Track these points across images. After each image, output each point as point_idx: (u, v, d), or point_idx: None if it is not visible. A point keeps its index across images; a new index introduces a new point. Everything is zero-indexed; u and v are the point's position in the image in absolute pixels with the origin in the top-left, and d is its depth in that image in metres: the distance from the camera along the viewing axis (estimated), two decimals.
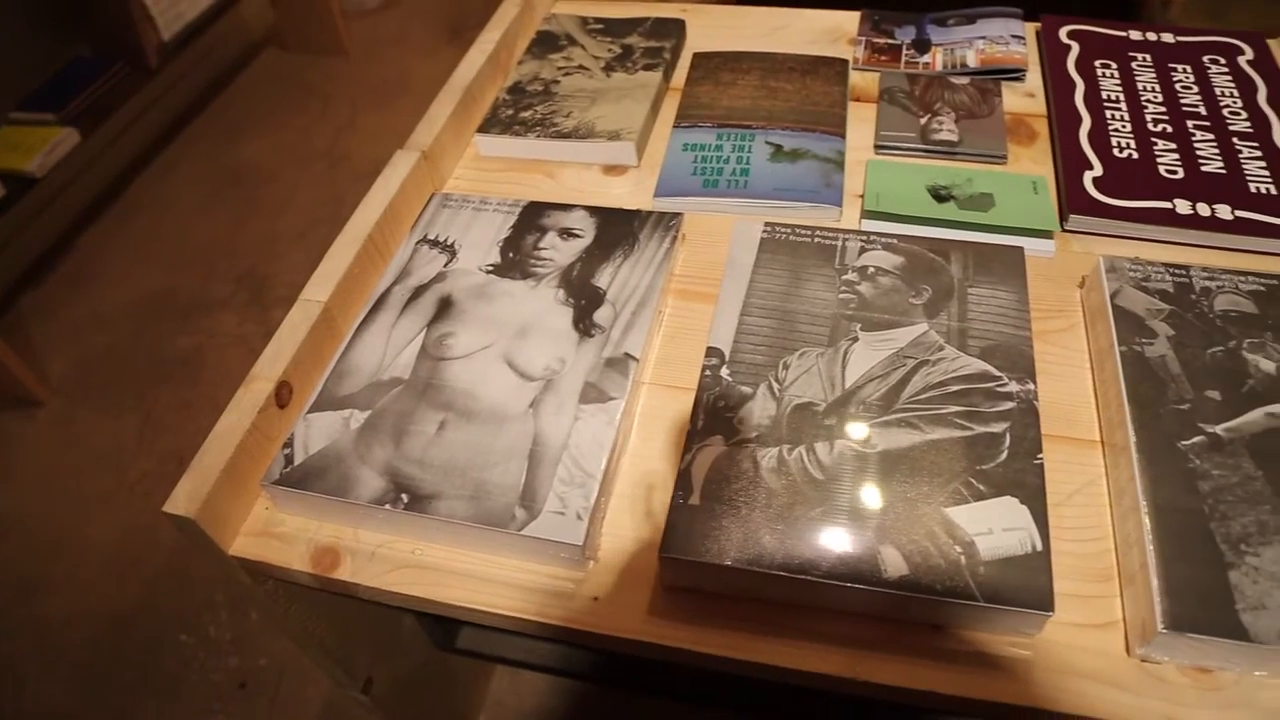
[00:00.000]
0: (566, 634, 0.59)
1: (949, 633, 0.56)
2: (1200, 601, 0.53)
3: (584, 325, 0.68)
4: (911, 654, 0.56)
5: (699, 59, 1.00)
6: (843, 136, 0.88)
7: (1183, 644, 0.53)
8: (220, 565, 0.63)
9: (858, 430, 0.60)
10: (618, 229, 0.76)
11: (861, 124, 0.92)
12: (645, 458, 0.66)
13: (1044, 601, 0.53)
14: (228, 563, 0.64)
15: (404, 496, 0.60)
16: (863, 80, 0.98)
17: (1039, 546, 0.55)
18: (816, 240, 0.73)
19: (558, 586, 0.60)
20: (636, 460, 0.66)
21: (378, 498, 0.60)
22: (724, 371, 0.64)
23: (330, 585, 0.63)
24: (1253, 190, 0.80)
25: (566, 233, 0.76)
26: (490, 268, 0.74)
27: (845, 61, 0.98)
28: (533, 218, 0.78)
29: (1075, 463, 0.64)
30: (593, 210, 0.78)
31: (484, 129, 0.91)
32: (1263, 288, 0.70)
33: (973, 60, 0.97)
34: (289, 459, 0.62)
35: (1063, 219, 0.80)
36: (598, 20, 1.05)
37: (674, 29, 1.02)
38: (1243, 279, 0.70)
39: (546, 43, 1.02)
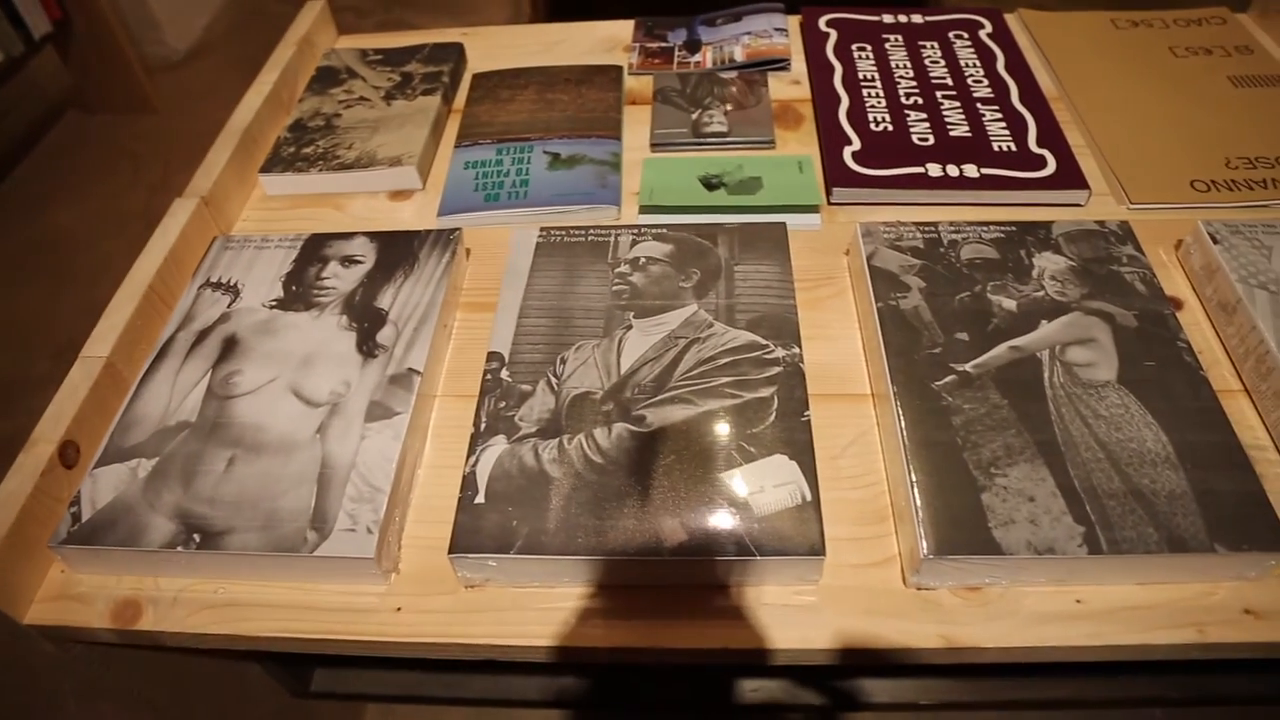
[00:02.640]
0: (375, 648, 0.60)
1: (739, 590, 0.59)
2: (957, 525, 0.57)
3: (367, 347, 0.69)
4: (705, 616, 0.58)
5: (478, 79, 1.02)
6: (618, 139, 0.91)
7: (947, 567, 0.57)
8: (17, 638, 0.62)
9: (634, 412, 0.63)
10: (398, 251, 0.77)
11: (638, 125, 0.96)
12: (442, 467, 0.67)
13: (815, 546, 0.56)
14: (25, 633, 0.62)
15: (196, 537, 0.60)
16: (638, 84, 1.02)
17: (809, 497, 0.58)
18: (590, 239, 0.76)
19: (361, 603, 0.61)
20: (434, 471, 0.67)
21: (169, 541, 0.60)
22: (504, 373, 0.66)
23: (135, 638, 0.62)
24: (995, 149, 0.86)
25: (348, 260, 0.77)
26: (274, 303, 0.74)
27: (619, 68, 1.01)
28: (315, 250, 0.78)
29: (850, 416, 0.68)
30: (373, 235, 0.79)
31: (266, 169, 0.91)
32: (1003, 235, 0.75)
33: (740, 55, 1.02)
34: (75, 517, 0.62)
35: (828, 193, 0.85)
36: (378, 51, 1.06)
37: (452, 53, 1.04)
38: (985, 229, 0.75)
39: (327, 78, 1.02)
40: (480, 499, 0.59)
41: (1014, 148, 0.87)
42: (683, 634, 0.57)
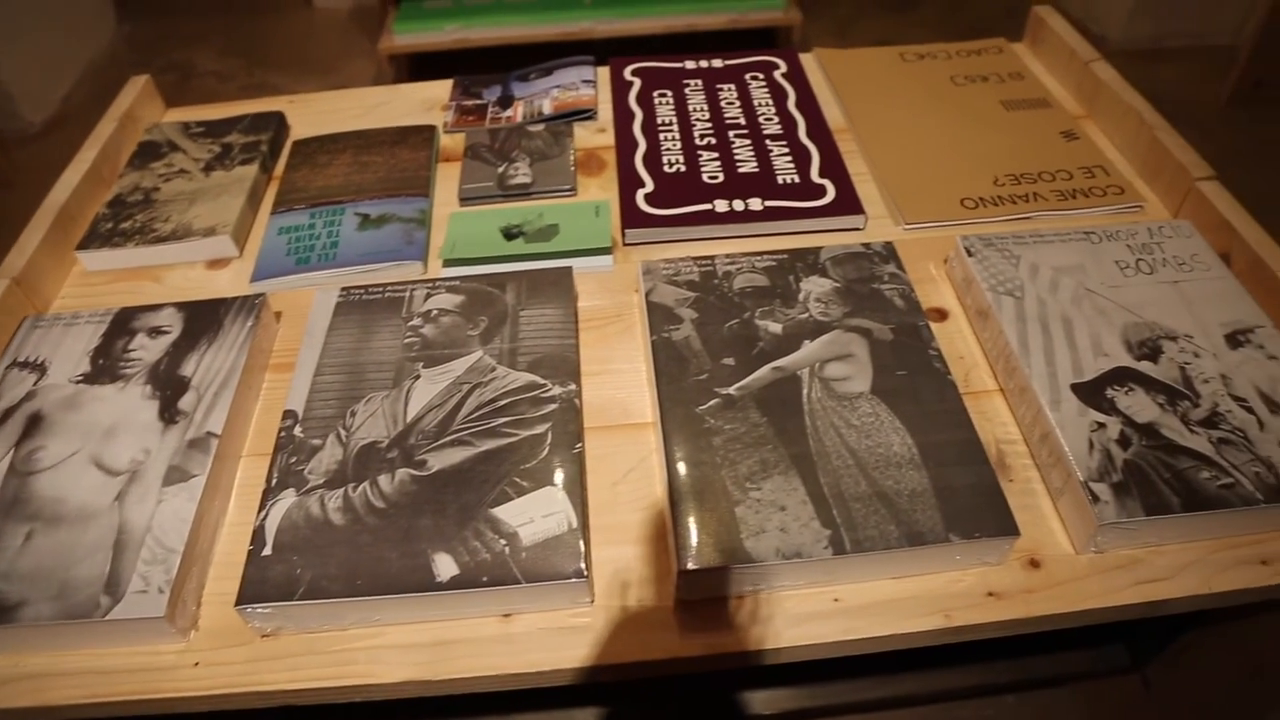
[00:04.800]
0: (173, 704, 0.62)
1: (514, 618, 0.63)
2: (712, 539, 0.61)
3: (169, 414, 0.72)
4: (487, 644, 0.62)
5: (297, 146, 1.05)
6: (427, 196, 0.95)
7: (703, 579, 0.61)
8: None
9: (416, 457, 0.66)
10: (204, 319, 0.80)
11: (450, 181, 1.00)
12: (244, 524, 0.70)
13: (580, 571, 0.60)
14: None
15: None
16: (452, 141, 1.06)
17: (575, 524, 0.62)
18: (387, 296, 0.80)
19: (161, 661, 0.63)
20: (236, 528, 0.70)
21: None
22: (297, 430, 0.69)
23: None
24: (780, 182, 0.92)
25: (155, 331, 0.79)
26: (80, 377, 0.76)
27: (433, 127, 1.06)
28: (123, 323, 0.81)
29: (632, 444, 0.72)
30: (181, 306, 0.82)
31: (83, 245, 0.93)
32: (775, 263, 0.81)
33: (548, 108, 1.07)
34: None
35: (624, 235, 0.89)
36: (199, 124, 1.09)
37: (272, 121, 1.07)
38: (759, 258, 0.81)
39: (148, 152, 1.05)
40: (268, 551, 0.62)
41: (797, 179, 0.93)
42: (464, 664, 0.61)
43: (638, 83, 1.09)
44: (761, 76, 1.09)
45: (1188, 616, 1.01)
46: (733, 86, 1.08)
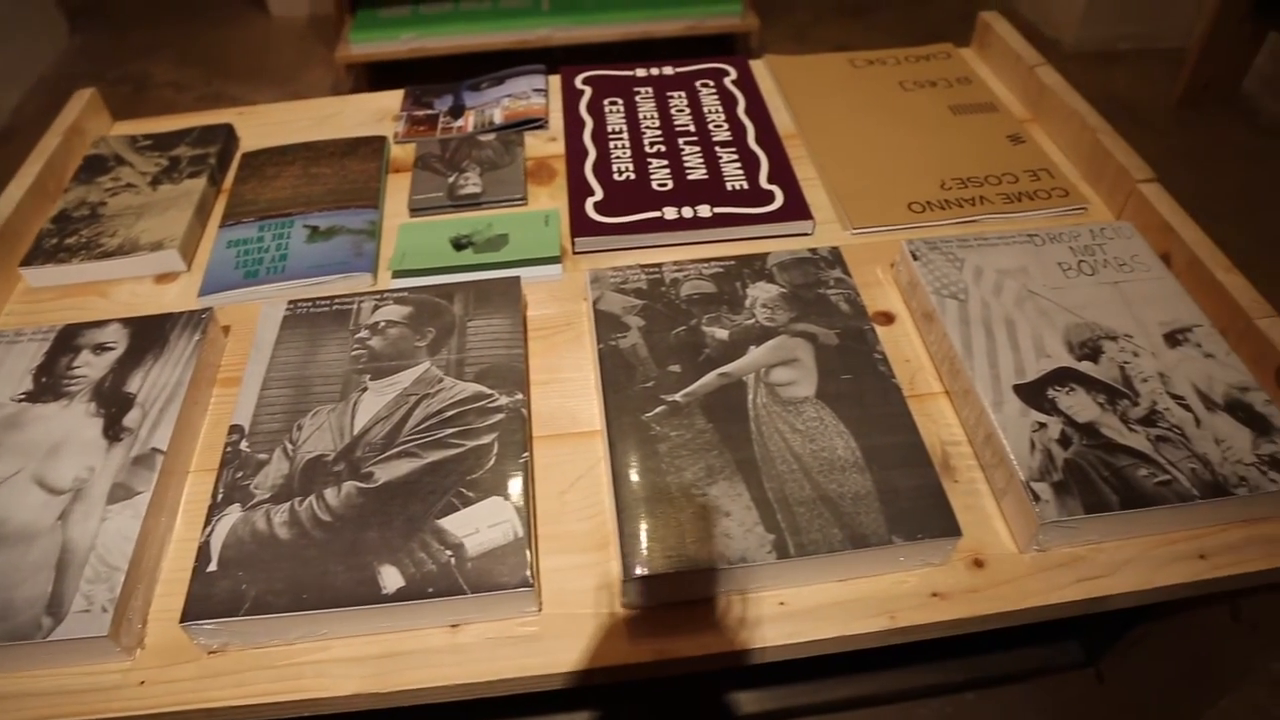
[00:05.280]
0: None
1: (463, 629, 0.63)
2: (658, 546, 0.62)
3: (113, 431, 0.72)
4: (435, 655, 0.62)
5: (246, 158, 1.05)
6: (376, 208, 0.95)
7: (650, 586, 0.61)
8: None
9: (363, 470, 0.66)
10: (150, 335, 0.79)
11: (400, 192, 1.00)
12: (192, 541, 0.69)
13: (525, 580, 0.60)
14: None
15: None
16: (403, 152, 1.06)
17: (520, 533, 0.62)
18: (335, 308, 0.79)
19: (106, 681, 0.63)
20: (184, 545, 0.70)
21: None
22: (243, 444, 0.69)
23: None
24: (729, 189, 0.93)
25: (99, 348, 0.79)
26: (23, 396, 0.76)
27: (383, 138, 1.06)
28: (68, 340, 0.80)
29: (580, 453, 0.73)
30: (126, 321, 0.81)
31: (27, 262, 0.92)
32: (723, 269, 0.81)
33: (499, 117, 1.07)
34: None
35: (574, 244, 0.90)
36: (147, 137, 1.08)
37: (221, 134, 1.07)
38: (706, 265, 0.82)
39: (94, 166, 1.04)
40: (213, 566, 0.62)
41: (746, 186, 0.94)
42: (411, 676, 0.61)
43: (589, 91, 1.10)
44: (712, 83, 1.10)
45: (1137, 611, 1.03)
46: (683, 94, 1.08)
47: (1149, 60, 2.60)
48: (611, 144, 1.00)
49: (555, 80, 1.15)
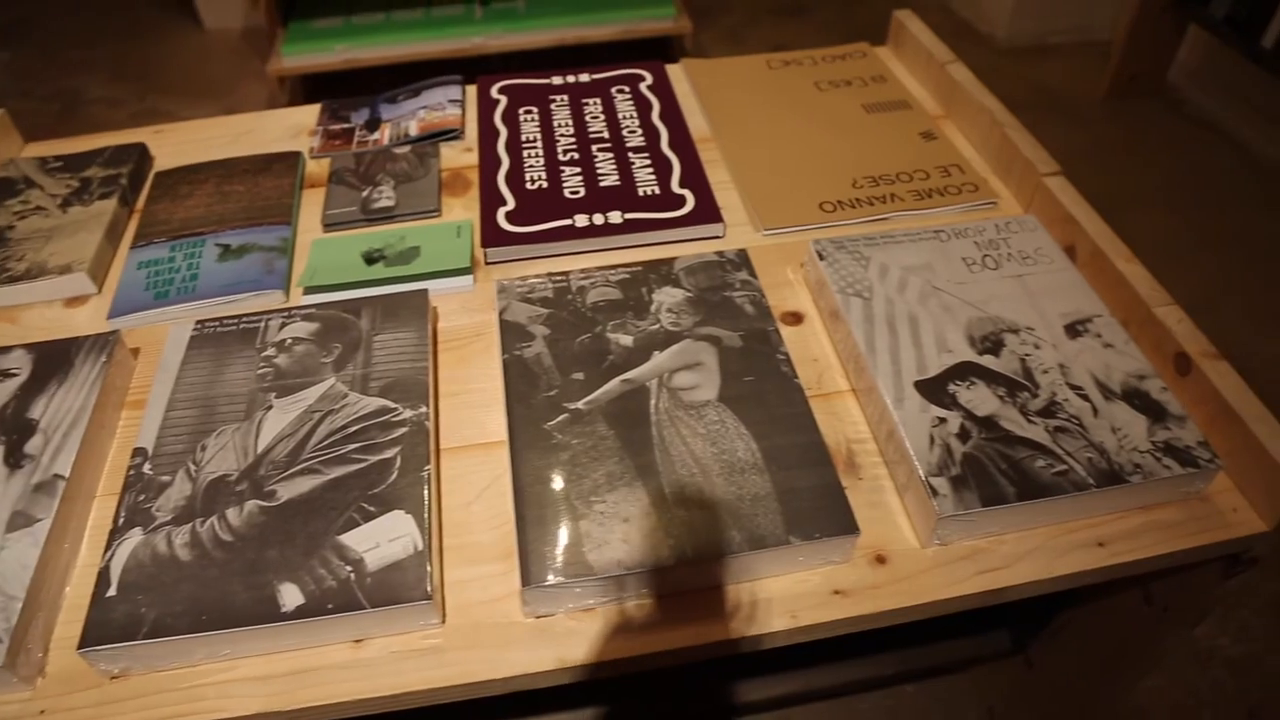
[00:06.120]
0: None
1: (369, 643, 0.63)
2: (557, 555, 0.62)
3: (14, 459, 0.71)
4: (338, 671, 0.62)
5: (159, 178, 1.04)
6: (289, 224, 0.95)
7: (551, 594, 0.62)
8: None
9: (266, 488, 0.66)
10: (55, 360, 0.79)
11: (315, 208, 0.99)
12: (97, 566, 0.69)
13: (424, 592, 0.60)
14: None
15: None
16: (318, 167, 1.06)
17: (420, 546, 0.62)
18: (242, 327, 0.79)
19: (4, 712, 0.62)
20: (89, 571, 0.69)
21: None
22: (146, 467, 0.69)
23: None
24: (641, 194, 0.94)
25: (2, 374, 0.78)
26: None
27: (298, 154, 1.05)
28: None
29: (486, 463, 0.73)
30: (30, 347, 0.80)
31: None
32: (629, 275, 0.82)
33: (414, 129, 1.07)
34: None
35: (485, 254, 0.90)
36: (58, 159, 1.07)
37: (133, 154, 1.06)
38: (613, 272, 0.82)
39: (2, 189, 1.03)
40: (112, 591, 0.62)
41: (658, 191, 0.94)
42: (315, 693, 0.61)
43: (504, 100, 1.10)
44: (628, 89, 1.11)
45: (1059, 599, 1.04)
46: (598, 100, 1.09)
47: (1079, 53, 2.64)
48: (525, 153, 1.01)
49: (472, 90, 1.15)
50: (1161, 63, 2.38)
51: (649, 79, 1.13)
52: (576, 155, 1.00)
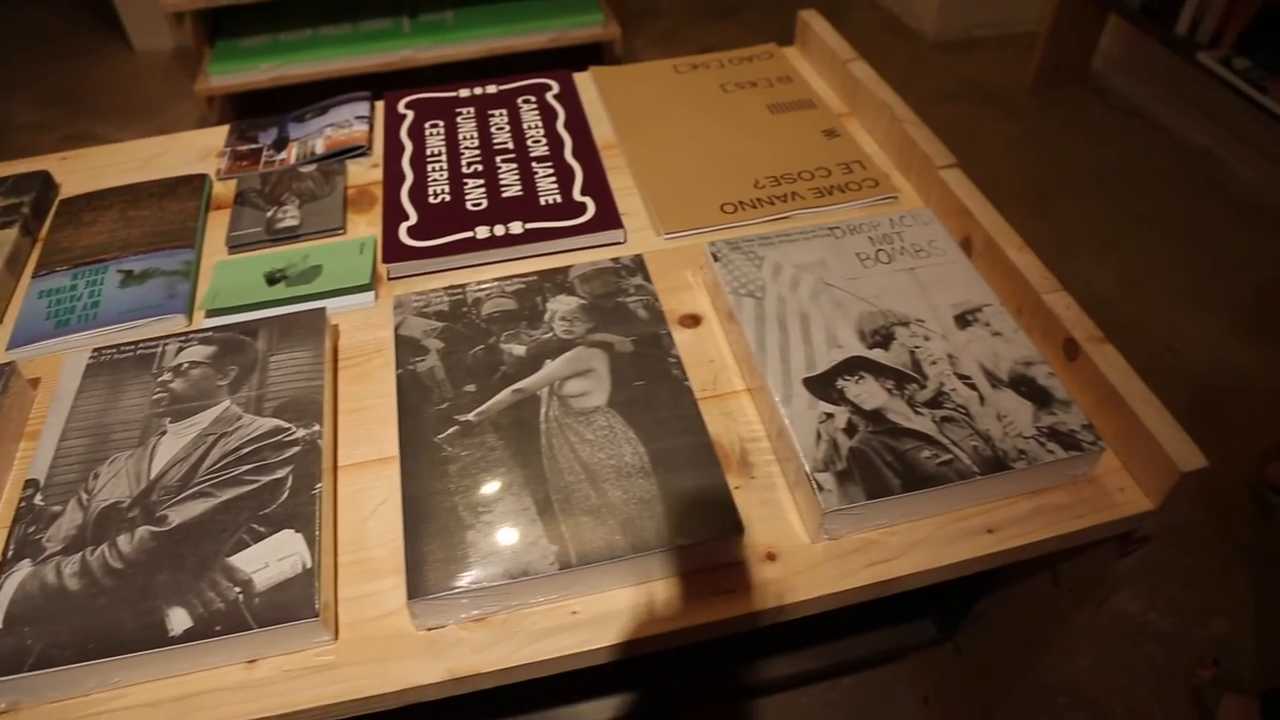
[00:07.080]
0: None
1: (262, 664, 0.63)
2: (436, 567, 0.63)
3: None
4: (230, 693, 0.62)
5: (64, 205, 1.04)
6: (192, 247, 0.95)
7: (438, 606, 0.63)
8: None
9: (158, 513, 0.67)
10: None
11: (221, 230, 1.00)
12: None
13: (312, 610, 0.61)
14: None
15: None
16: (225, 189, 1.06)
17: (309, 564, 0.63)
18: (139, 353, 0.79)
19: None
20: None
21: None
22: (37, 498, 0.69)
23: None
24: (543, 203, 0.94)
25: None
26: None
27: (203, 176, 1.05)
28: None
29: (382, 479, 0.74)
30: None
31: None
32: (524, 285, 0.83)
33: (321, 147, 1.07)
34: None
35: (388, 270, 0.91)
36: None
37: (35, 182, 1.06)
38: (509, 283, 0.83)
39: None
40: None
41: (559, 199, 0.95)
42: (207, 716, 0.61)
43: (411, 115, 1.11)
44: (534, 99, 1.12)
45: (979, 587, 1.06)
46: (504, 111, 1.10)
47: (1006, 45, 2.68)
48: (430, 167, 1.01)
49: (380, 106, 1.16)
50: (1084, 52, 2.42)
51: (555, 88, 1.14)
52: (480, 167, 1.01)
